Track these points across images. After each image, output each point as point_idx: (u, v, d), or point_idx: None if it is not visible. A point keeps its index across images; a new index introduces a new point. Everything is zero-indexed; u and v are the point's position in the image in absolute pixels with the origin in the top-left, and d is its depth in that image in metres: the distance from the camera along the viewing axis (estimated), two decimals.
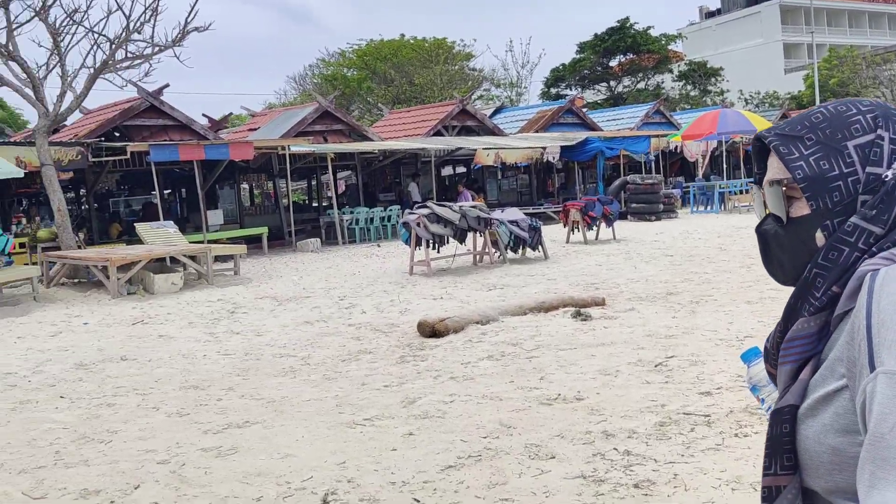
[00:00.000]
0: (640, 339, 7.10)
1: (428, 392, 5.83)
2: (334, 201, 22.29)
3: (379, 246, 19.27)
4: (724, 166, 25.58)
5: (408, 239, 13.29)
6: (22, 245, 15.78)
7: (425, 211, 13.25)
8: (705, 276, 10.84)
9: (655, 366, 6.15)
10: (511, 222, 13.88)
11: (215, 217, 19.68)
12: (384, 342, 7.83)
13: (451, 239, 13.49)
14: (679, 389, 5.47)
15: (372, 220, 21.32)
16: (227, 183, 22.76)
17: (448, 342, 7.50)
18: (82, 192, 22.49)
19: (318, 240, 19.91)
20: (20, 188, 19.67)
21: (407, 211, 14.39)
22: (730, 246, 14.17)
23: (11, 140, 18.69)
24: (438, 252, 13.63)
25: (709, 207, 24.10)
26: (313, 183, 29.81)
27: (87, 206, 21.78)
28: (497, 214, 14.16)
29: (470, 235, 13.85)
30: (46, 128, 14.87)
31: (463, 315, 8.24)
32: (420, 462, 4.38)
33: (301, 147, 20.22)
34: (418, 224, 12.99)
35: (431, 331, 7.80)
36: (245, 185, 28.76)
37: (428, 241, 13.06)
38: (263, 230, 19.38)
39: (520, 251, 14.18)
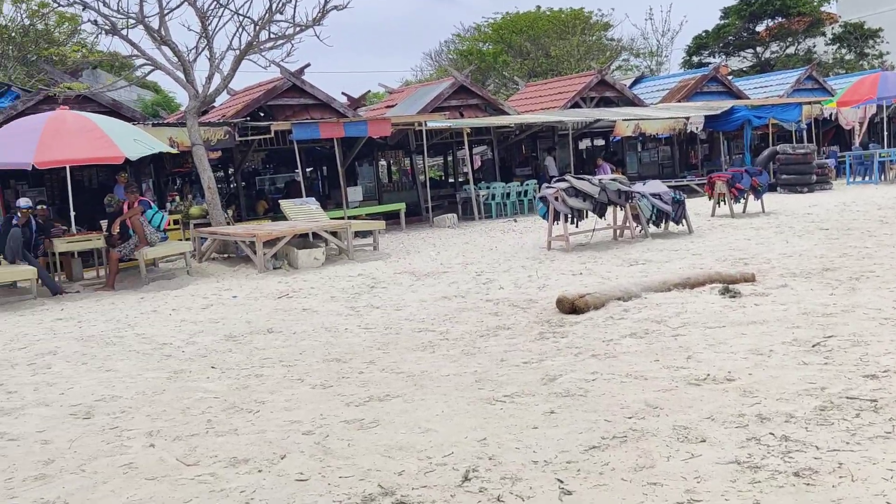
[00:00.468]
0: (795, 318, 6.69)
1: (569, 369, 5.70)
2: (470, 176, 22.29)
3: (516, 221, 19.15)
4: (885, 133, 23.87)
5: (545, 213, 13.10)
6: (176, 222, 16.63)
7: (563, 185, 13.01)
8: (865, 250, 10.14)
9: (813, 346, 5.77)
10: (653, 195, 13.47)
11: (355, 194, 20.09)
12: (522, 318, 7.73)
13: (590, 213, 13.21)
14: (840, 371, 5.10)
15: (508, 194, 21.19)
16: (366, 160, 23.17)
17: (588, 319, 7.32)
18: (230, 170, 23.43)
19: (455, 215, 19.98)
20: (174, 168, 20.69)
21: (544, 185, 14.17)
22: (893, 218, 13.21)
23: (165, 122, 19.67)
24: (577, 227, 13.37)
25: (867, 178, 22.59)
26: (449, 159, 29.93)
27: (235, 184, 22.70)
28: (638, 187, 13.75)
29: (610, 209, 13.53)
30: (196, 109, 15.52)
31: (604, 291, 8.01)
32: (562, 441, 4.26)
33: (437, 122, 20.30)
34: (556, 198, 12.78)
35: (571, 307, 7.63)
36: (383, 162, 29.21)
37: (566, 216, 12.83)
38: (401, 206, 19.63)
39: (662, 225, 13.73)
